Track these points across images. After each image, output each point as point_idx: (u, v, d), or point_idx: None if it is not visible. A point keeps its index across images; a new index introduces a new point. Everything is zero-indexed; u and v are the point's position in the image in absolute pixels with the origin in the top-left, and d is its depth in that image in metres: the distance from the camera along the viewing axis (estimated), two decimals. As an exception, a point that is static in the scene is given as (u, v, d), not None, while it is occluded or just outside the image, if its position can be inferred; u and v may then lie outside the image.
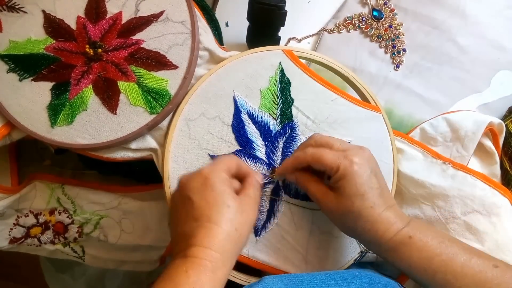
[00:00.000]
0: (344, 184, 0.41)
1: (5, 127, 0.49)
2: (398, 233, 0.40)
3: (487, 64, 0.60)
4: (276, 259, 0.50)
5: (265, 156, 0.50)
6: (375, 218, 0.41)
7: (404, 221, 0.41)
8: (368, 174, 0.41)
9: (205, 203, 0.40)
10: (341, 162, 0.41)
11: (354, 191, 0.41)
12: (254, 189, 0.45)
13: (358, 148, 0.44)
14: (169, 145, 0.49)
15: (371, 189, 0.41)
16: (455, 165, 0.52)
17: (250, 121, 0.50)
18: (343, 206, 0.42)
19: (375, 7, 0.62)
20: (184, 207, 0.41)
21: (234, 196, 0.41)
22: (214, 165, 0.43)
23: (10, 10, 0.49)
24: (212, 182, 0.41)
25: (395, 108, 0.59)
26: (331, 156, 0.42)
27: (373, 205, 0.41)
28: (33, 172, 0.60)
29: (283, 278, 0.41)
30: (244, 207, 0.42)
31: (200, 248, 0.37)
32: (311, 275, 0.41)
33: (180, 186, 0.43)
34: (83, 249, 0.64)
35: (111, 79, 0.49)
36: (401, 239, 0.40)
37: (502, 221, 0.49)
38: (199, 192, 0.41)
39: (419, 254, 0.39)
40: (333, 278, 0.40)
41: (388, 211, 0.41)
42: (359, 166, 0.41)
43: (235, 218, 0.40)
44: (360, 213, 0.41)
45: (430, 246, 0.39)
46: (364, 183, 0.41)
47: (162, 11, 0.49)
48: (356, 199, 0.41)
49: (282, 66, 0.50)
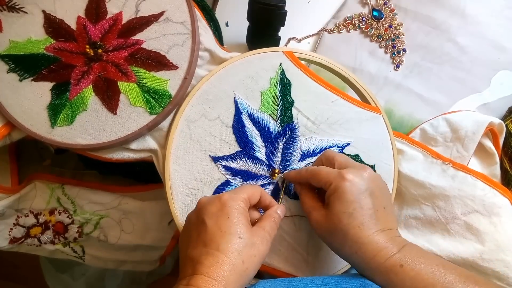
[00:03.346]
0: (333, 200, 0.41)
1: (5, 127, 0.49)
2: (388, 260, 0.38)
3: (487, 64, 0.60)
4: (277, 260, 0.50)
5: (265, 157, 0.50)
6: (363, 240, 0.39)
7: (397, 246, 0.39)
8: (360, 193, 0.40)
9: (217, 229, 0.40)
10: (334, 178, 0.41)
11: (343, 209, 0.40)
12: (270, 222, 0.44)
13: (360, 167, 0.43)
14: (170, 146, 0.49)
15: (361, 209, 0.40)
16: (455, 165, 0.52)
17: (250, 122, 0.50)
18: (331, 223, 0.41)
19: (375, 7, 0.62)
20: (197, 229, 0.41)
21: (248, 228, 0.41)
22: (235, 192, 0.43)
23: (10, 10, 0.49)
24: (228, 210, 0.41)
25: (395, 108, 0.59)
26: (326, 172, 0.42)
27: (361, 226, 0.40)
28: (33, 172, 0.60)
29: (277, 282, 0.40)
30: (255, 240, 0.41)
31: (205, 278, 0.37)
32: (305, 279, 0.41)
33: (198, 207, 0.43)
34: (83, 249, 0.64)
35: (111, 79, 0.49)
36: (391, 267, 0.38)
37: (502, 221, 0.49)
38: (214, 217, 0.40)
39: (412, 283, 0.37)
40: (327, 282, 0.40)
41: (380, 235, 0.40)
42: (351, 183, 0.40)
43: (243, 250, 0.39)
44: (347, 232, 0.40)
45: (423, 275, 0.37)
46: (354, 202, 0.40)
47: (162, 12, 0.49)
48: (344, 216, 0.40)
49: (283, 67, 0.50)
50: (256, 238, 0.41)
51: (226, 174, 0.50)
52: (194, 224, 0.42)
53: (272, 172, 0.50)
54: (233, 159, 0.50)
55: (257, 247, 0.41)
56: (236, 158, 0.50)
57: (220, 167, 0.50)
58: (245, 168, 0.50)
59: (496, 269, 0.48)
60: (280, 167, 0.50)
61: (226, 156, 0.50)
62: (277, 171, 0.50)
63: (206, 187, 0.50)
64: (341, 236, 0.40)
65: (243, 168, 0.50)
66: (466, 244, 0.50)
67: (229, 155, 0.50)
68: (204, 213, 0.41)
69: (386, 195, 0.43)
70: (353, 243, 0.40)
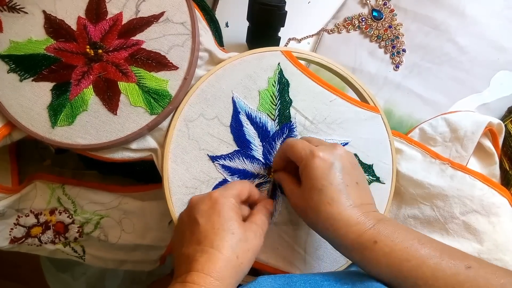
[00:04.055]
0: (304, 177, 0.41)
1: (6, 127, 0.49)
2: (362, 235, 0.38)
3: (486, 64, 0.60)
4: (275, 258, 0.50)
5: (262, 157, 0.50)
6: (334, 216, 0.39)
7: (371, 221, 0.39)
8: (329, 169, 0.40)
9: (210, 227, 0.40)
10: (306, 154, 0.41)
11: (313, 185, 0.40)
12: (262, 216, 0.45)
13: (331, 145, 0.43)
14: (168, 146, 0.49)
15: (330, 185, 0.40)
16: (454, 165, 0.52)
17: (248, 121, 0.50)
18: (304, 201, 0.42)
19: (374, 7, 0.63)
20: (190, 227, 0.42)
21: (240, 224, 0.41)
22: (225, 189, 0.44)
23: (10, 10, 0.49)
24: (220, 207, 0.41)
25: (395, 108, 0.60)
26: (301, 147, 0.42)
27: (330, 202, 0.39)
28: (33, 172, 0.60)
29: (277, 278, 0.41)
30: (248, 235, 0.41)
31: (200, 275, 0.37)
32: (305, 275, 0.41)
33: (189, 206, 0.43)
34: (84, 248, 0.64)
35: (111, 80, 0.49)
36: (365, 243, 0.38)
37: (501, 221, 0.49)
38: (206, 215, 0.41)
39: (387, 260, 0.37)
40: (327, 278, 0.40)
41: (352, 210, 0.39)
42: (320, 160, 0.40)
43: (237, 245, 0.40)
44: (318, 208, 0.40)
45: (398, 251, 0.37)
46: (323, 178, 0.40)
47: (163, 12, 0.49)
48: (314, 193, 0.40)
49: (281, 67, 0.50)
50: (249, 233, 0.41)
51: (223, 173, 0.50)
52: (187, 223, 0.42)
53: (269, 171, 0.50)
54: (231, 158, 0.50)
55: (250, 241, 0.41)
56: (234, 157, 0.50)
57: (218, 166, 0.50)
58: (243, 167, 0.50)
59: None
60: None
61: (224, 155, 0.50)
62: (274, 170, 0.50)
63: (204, 186, 0.50)
64: (314, 213, 0.41)
65: (240, 167, 0.50)
66: (464, 243, 0.50)
67: (227, 154, 0.50)
68: (196, 211, 0.42)
69: (359, 171, 0.43)
70: (325, 219, 0.40)
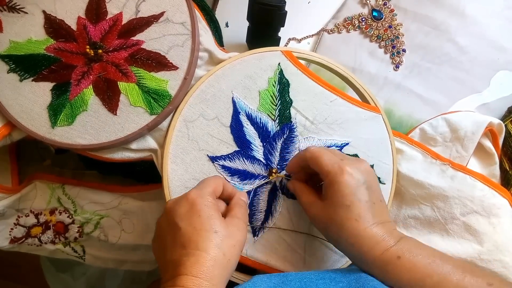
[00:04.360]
0: (331, 192, 0.41)
1: (6, 127, 0.49)
2: (385, 252, 0.39)
3: (486, 64, 0.60)
4: (275, 259, 0.50)
5: (263, 157, 0.50)
6: (360, 232, 0.39)
7: (394, 239, 0.39)
8: (358, 186, 0.40)
9: (192, 229, 0.40)
10: (334, 168, 0.41)
11: (340, 201, 0.40)
12: (241, 209, 0.45)
13: (355, 159, 0.43)
14: (168, 146, 0.49)
15: (358, 201, 0.40)
16: (455, 165, 0.52)
17: (248, 122, 0.50)
18: (328, 216, 0.41)
19: (374, 7, 0.63)
20: (171, 233, 0.41)
21: (221, 220, 0.41)
22: (200, 188, 0.43)
23: (10, 10, 0.49)
24: (199, 208, 0.41)
25: (395, 108, 0.60)
26: (328, 158, 0.42)
27: (358, 219, 0.39)
28: (33, 172, 0.60)
29: (272, 277, 0.40)
30: (231, 230, 0.41)
31: (188, 278, 0.37)
32: (300, 274, 0.41)
33: (167, 211, 0.43)
34: (84, 248, 0.64)
35: (111, 80, 0.49)
36: (388, 259, 0.38)
37: (501, 222, 0.49)
38: (186, 218, 0.40)
39: (409, 275, 0.37)
40: (322, 277, 0.40)
41: (377, 227, 0.40)
42: (349, 175, 0.40)
43: (222, 243, 0.39)
44: (343, 224, 0.40)
45: (420, 267, 0.37)
46: (352, 194, 0.40)
47: (163, 12, 0.49)
48: (341, 209, 0.40)
49: (281, 67, 0.50)
50: (231, 228, 0.41)
51: (223, 173, 0.50)
52: (167, 229, 0.42)
53: (269, 171, 0.50)
54: (231, 158, 0.50)
55: (234, 236, 0.41)
56: (234, 157, 0.50)
57: (217, 167, 0.50)
58: (243, 167, 0.50)
59: (494, 269, 0.48)
60: (278, 166, 0.50)
61: (224, 155, 0.50)
62: (275, 171, 0.50)
63: None
64: (338, 229, 0.41)
65: (240, 168, 0.50)
66: (464, 244, 0.50)
67: (227, 155, 0.50)
68: (174, 216, 0.41)
69: (379, 187, 0.43)
70: (350, 236, 0.40)
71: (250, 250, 0.50)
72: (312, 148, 0.44)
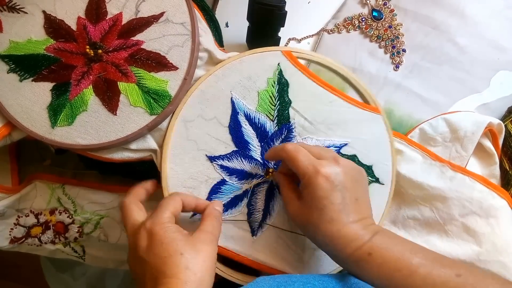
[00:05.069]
0: (306, 193, 0.41)
1: (6, 127, 0.49)
2: (358, 250, 0.39)
3: (486, 64, 0.60)
4: (273, 258, 0.50)
5: (260, 157, 0.50)
6: (333, 233, 0.40)
7: (369, 235, 0.40)
8: (331, 188, 0.40)
9: (158, 259, 0.39)
10: (308, 169, 0.41)
11: (314, 204, 0.41)
12: (211, 221, 0.44)
13: (333, 159, 0.42)
14: (167, 146, 0.49)
15: (331, 204, 0.40)
16: (454, 167, 0.52)
17: (247, 122, 0.50)
18: (304, 216, 0.42)
19: (374, 7, 0.62)
20: (140, 268, 0.41)
21: (186, 240, 0.40)
22: (156, 215, 0.42)
23: (10, 10, 0.49)
24: (159, 236, 0.40)
25: (395, 108, 0.59)
26: (304, 160, 0.42)
27: (330, 220, 0.40)
28: (33, 172, 0.60)
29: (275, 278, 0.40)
30: (199, 246, 0.41)
31: None
32: (304, 277, 0.41)
33: (130, 248, 0.42)
34: (84, 249, 0.64)
35: (111, 80, 0.49)
36: (360, 256, 0.39)
37: (500, 223, 0.49)
38: (149, 250, 0.40)
39: (379, 270, 0.38)
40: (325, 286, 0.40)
41: (351, 226, 0.40)
42: (323, 178, 0.40)
43: (191, 263, 0.39)
44: (318, 226, 0.40)
45: (390, 262, 0.38)
46: (324, 198, 0.40)
47: (163, 12, 0.49)
48: (315, 211, 0.41)
49: (281, 67, 0.50)
50: (199, 245, 0.41)
51: (222, 173, 0.50)
52: (136, 266, 0.42)
53: (266, 171, 0.50)
54: (229, 158, 0.50)
55: (203, 252, 0.40)
56: (232, 157, 0.50)
57: (216, 167, 0.50)
58: (241, 167, 0.50)
59: (493, 270, 0.48)
60: (275, 166, 0.50)
61: (222, 155, 0.50)
62: (271, 171, 0.50)
63: (203, 186, 0.50)
64: (313, 229, 0.41)
65: (238, 168, 0.50)
66: (463, 245, 0.50)
67: (225, 155, 0.50)
68: (138, 251, 0.41)
69: (359, 184, 0.43)
70: (324, 236, 0.40)
71: (249, 250, 0.50)
72: (289, 146, 0.43)
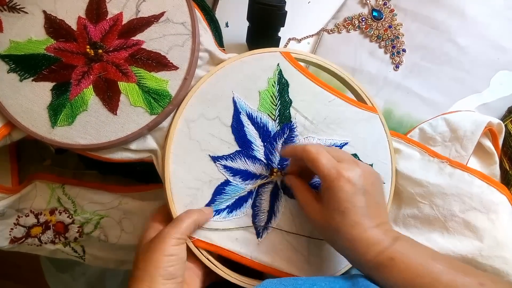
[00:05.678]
0: (327, 196, 0.41)
1: (6, 127, 0.49)
2: (379, 254, 0.39)
3: (486, 64, 0.60)
4: (279, 260, 0.50)
5: (264, 157, 0.50)
6: (355, 237, 0.39)
7: (389, 240, 0.39)
8: (354, 192, 0.40)
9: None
10: (331, 172, 0.41)
11: (336, 207, 0.40)
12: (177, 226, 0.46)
13: (354, 162, 0.42)
14: (169, 146, 0.49)
15: (353, 207, 0.40)
16: (452, 163, 0.52)
17: (249, 122, 0.50)
18: (324, 219, 0.42)
19: (374, 7, 0.63)
20: None
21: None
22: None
23: (10, 10, 0.49)
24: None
25: (395, 108, 0.60)
26: (327, 163, 0.41)
27: (353, 224, 0.40)
28: (33, 172, 0.60)
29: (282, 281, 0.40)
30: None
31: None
32: (311, 280, 0.40)
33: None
34: (84, 249, 0.64)
35: (111, 80, 0.49)
36: (382, 261, 0.38)
37: (500, 218, 0.49)
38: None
39: (401, 276, 0.38)
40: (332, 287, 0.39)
41: (372, 231, 0.40)
42: (345, 181, 0.40)
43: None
44: (339, 229, 0.40)
45: (412, 268, 0.37)
46: (347, 201, 0.40)
47: (163, 12, 0.49)
48: (337, 215, 0.40)
49: (280, 67, 0.50)
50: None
51: (225, 173, 0.50)
52: None
53: (271, 171, 0.50)
54: (232, 158, 0.50)
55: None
56: (235, 157, 0.50)
57: (219, 167, 0.50)
58: (244, 167, 0.50)
59: (495, 265, 0.48)
60: (279, 166, 0.50)
61: (225, 155, 0.50)
62: (276, 171, 0.50)
63: (206, 187, 0.50)
64: (334, 233, 0.41)
65: (242, 168, 0.50)
66: (464, 241, 0.50)
67: (228, 155, 0.50)
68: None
69: (378, 189, 0.43)
70: (345, 240, 0.40)
71: (254, 252, 0.50)
72: (309, 147, 0.43)
